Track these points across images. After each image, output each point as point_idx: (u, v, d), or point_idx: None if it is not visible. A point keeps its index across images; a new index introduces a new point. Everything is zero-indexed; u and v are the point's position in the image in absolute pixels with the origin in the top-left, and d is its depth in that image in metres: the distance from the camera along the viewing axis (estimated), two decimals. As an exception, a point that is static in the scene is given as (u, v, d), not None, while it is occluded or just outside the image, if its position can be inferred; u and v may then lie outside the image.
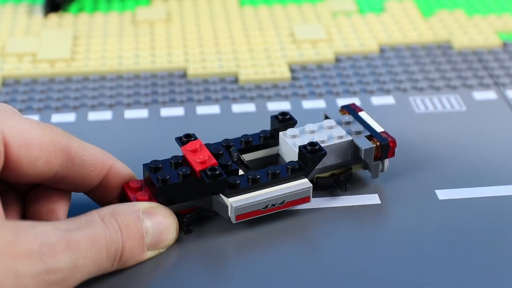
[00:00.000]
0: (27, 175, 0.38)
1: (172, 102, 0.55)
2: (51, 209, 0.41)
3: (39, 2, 0.67)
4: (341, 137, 0.45)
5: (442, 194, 0.45)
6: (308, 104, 0.55)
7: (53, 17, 0.65)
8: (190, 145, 0.42)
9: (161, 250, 0.41)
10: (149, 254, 0.40)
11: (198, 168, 0.41)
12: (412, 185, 0.46)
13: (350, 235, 0.42)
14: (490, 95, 0.55)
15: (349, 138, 0.45)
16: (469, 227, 0.43)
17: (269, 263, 0.40)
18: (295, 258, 0.40)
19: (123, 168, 0.42)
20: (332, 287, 0.39)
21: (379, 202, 0.44)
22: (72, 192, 0.42)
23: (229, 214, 0.41)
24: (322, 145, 0.43)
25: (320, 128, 0.45)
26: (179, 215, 0.41)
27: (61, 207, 0.41)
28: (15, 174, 0.38)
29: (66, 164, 0.39)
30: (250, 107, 0.54)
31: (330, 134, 0.45)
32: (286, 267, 0.40)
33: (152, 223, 0.40)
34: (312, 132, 0.45)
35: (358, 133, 0.45)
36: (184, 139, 0.43)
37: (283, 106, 0.54)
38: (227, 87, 0.57)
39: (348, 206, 0.44)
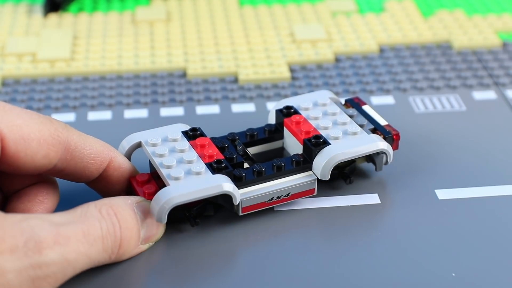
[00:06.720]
0: (25, 168, 0.38)
1: (172, 102, 0.55)
2: (33, 201, 0.41)
3: (39, 2, 0.67)
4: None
5: (442, 194, 0.45)
6: (307, 104, 0.55)
7: (53, 17, 0.65)
8: (199, 140, 0.43)
9: (151, 244, 0.41)
10: (143, 247, 0.40)
11: (204, 161, 0.41)
12: (412, 185, 0.46)
13: (350, 235, 0.42)
14: (489, 95, 0.55)
15: None
16: (469, 227, 0.43)
17: (272, 256, 0.40)
18: (296, 254, 0.41)
19: (124, 162, 0.42)
20: (331, 285, 0.39)
21: (379, 202, 0.44)
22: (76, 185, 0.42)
23: (235, 207, 0.42)
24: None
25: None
26: (186, 208, 0.41)
27: (46, 200, 0.41)
28: (13, 167, 0.38)
29: (65, 157, 0.39)
30: (250, 107, 0.54)
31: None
32: (288, 262, 0.40)
33: (145, 217, 0.40)
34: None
35: (362, 126, 0.45)
36: (190, 133, 0.44)
37: (283, 106, 0.54)
38: (226, 87, 0.57)
39: (348, 205, 0.44)
